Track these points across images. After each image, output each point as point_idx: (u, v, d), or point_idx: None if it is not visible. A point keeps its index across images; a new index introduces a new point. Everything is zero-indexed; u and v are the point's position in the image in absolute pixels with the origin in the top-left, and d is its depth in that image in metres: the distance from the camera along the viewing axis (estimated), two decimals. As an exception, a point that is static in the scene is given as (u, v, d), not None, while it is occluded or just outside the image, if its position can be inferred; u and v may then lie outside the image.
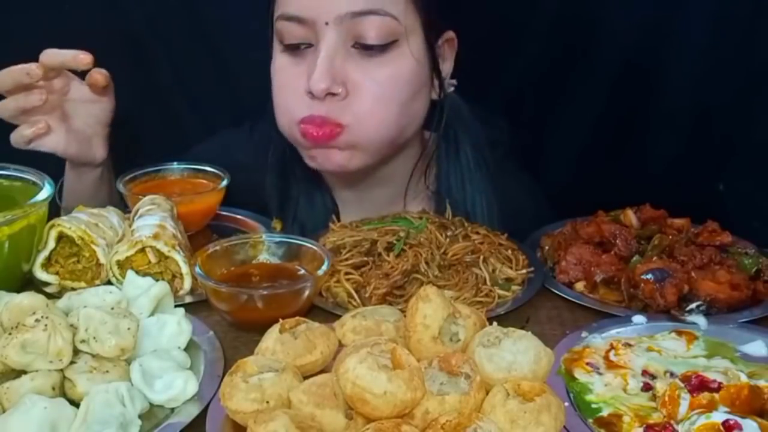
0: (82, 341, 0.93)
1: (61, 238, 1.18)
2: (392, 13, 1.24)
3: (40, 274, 1.18)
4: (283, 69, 1.31)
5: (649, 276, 1.16)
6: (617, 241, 1.27)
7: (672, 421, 0.89)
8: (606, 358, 1.02)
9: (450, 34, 1.36)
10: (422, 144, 1.47)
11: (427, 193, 1.48)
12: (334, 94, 1.25)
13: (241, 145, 1.55)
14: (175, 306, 1.10)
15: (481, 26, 1.51)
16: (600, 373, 0.98)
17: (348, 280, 1.17)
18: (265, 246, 1.22)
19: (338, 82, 1.24)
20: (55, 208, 1.19)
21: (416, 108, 1.34)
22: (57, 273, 1.18)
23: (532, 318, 1.15)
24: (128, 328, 0.94)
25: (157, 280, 1.14)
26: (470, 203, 1.45)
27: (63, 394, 0.91)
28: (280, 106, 1.33)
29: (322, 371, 0.93)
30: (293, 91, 1.29)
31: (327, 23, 1.23)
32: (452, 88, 1.42)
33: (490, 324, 0.95)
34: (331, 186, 1.50)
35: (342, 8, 1.22)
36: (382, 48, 1.26)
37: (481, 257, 1.21)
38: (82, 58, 1.27)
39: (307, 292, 1.11)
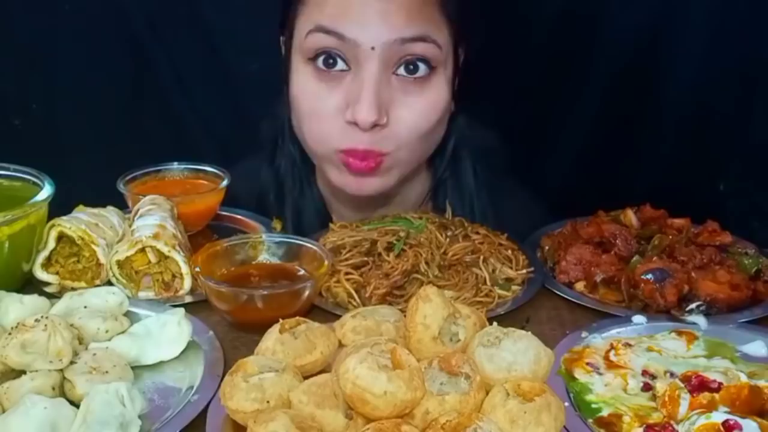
0: None
1: (61, 238, 1.18)
2: (437, 40, 1.22)
3: (40, 274, 1.18)
4: (314, 93, 1.25)
5: (649, 276, 1.16)
6: (617, 241, 1.27)
7: (672, 421, 0.89)
8: (606, 358, 1.02)
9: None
10: (429, 166, 1.45)
11: (426, 207, 1.45)
12: (378, 125, 1.22)
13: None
14: (175, 306, 1.10)
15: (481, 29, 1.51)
16: (600, 373, 0.98)
17: (348, 280, 1.17)
18: (265, 246, 1.22)
19: (383, 113, 1.21)
20: (55, 208, 1.19)
21: (440, 131, 1.34)
22: (57, 273, 1.18)
23: (532, 318, 1.15)
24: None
25: (157, 280, 1.14)
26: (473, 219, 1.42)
27: (63, 395, 0.91)
28: (314, 132, 1.28)
29: (322, 371, 0.93)
30: (331, 118, 1.24)
31: (373, 48, 1.18)
32: None
33: (490, 324, 0.95)
34: (329, 202, 1.47)
35: (393, 34, 1.17)
36: (424, 78, 1.23)
37: (481, 257, 1.21)
38: None
39: (307, 293, 1.11)
